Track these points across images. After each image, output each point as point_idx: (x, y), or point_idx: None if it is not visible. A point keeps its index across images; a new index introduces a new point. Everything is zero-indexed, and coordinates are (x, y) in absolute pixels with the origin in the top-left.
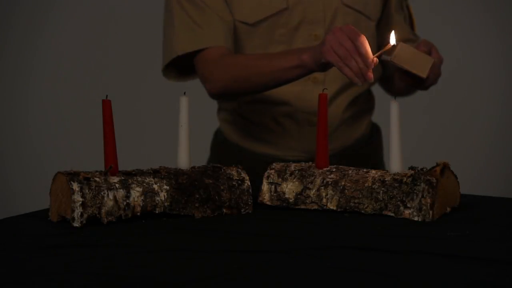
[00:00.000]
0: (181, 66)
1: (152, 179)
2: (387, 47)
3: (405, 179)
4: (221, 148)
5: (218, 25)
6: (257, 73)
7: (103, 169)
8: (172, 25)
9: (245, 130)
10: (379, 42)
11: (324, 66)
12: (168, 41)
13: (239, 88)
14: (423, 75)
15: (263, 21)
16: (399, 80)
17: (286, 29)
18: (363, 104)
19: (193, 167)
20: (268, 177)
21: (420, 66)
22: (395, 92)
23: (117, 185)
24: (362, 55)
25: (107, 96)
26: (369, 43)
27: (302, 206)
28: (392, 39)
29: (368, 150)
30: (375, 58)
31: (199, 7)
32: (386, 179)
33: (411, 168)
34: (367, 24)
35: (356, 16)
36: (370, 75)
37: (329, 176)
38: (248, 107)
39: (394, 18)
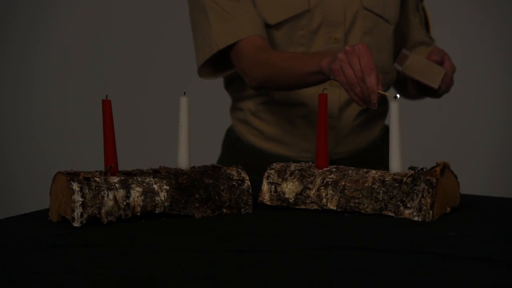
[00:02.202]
0: (216, 62)
1: (152, 179)
2: (390, 94)
3: (405, 179)
4: (233, 147)
5: (253, 14)
6: (284, 74)
7: (103, 169)
8: (207, 21)
9: (259, 130)
10: (395, 42)
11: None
12: (206, 38)
13: (272, 85)
14: (435, 86)
15: (285, 22)
16: (411, 87)
17: (306, 31)
18: (377, 107)
19: (193, 167)
20: (268, 177)
21: (432, 77)
22: (408, 96)
23: (117, 185)
24: (367, 87)
25: (107, 96)
26: (386, 47)
27: (302, 206)
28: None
29: (382, 152)
30: (378, 91)
31: None
32: (386, 179)
33: (411, 168)
34: (386, 28)
35: (375, 20)
36: (374, 104)
37: (329, 176)
38: (263, 107)
39: (411, 20)
